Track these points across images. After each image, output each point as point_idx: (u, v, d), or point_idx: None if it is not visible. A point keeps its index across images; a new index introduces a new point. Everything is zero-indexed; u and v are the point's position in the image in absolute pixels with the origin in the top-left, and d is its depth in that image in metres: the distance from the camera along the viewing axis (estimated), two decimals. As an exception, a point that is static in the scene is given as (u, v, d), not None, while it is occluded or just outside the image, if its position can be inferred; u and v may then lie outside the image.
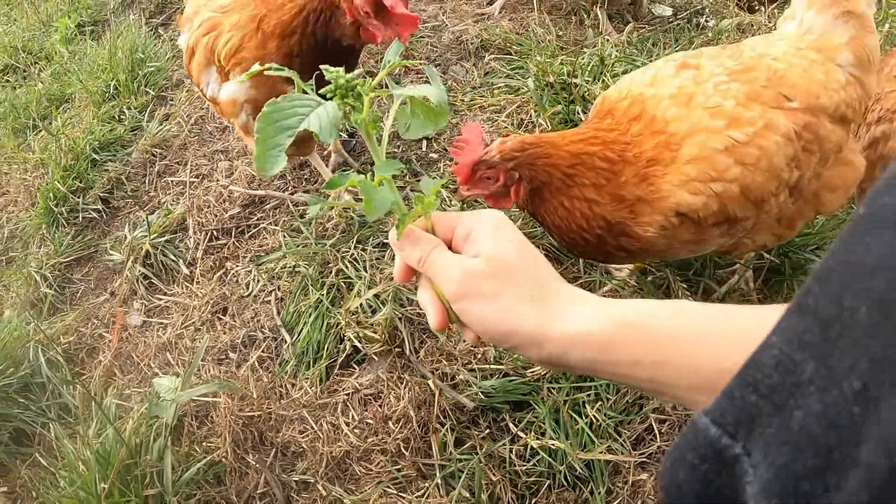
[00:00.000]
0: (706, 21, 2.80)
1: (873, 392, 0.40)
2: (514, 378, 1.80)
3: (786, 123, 1.40)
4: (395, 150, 2.48)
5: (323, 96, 0.90)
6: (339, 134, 0.94)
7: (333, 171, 2.25)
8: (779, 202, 1.46)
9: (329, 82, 0.89)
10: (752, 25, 2.85)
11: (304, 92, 0.89)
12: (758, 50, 1.52)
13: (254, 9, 1.92)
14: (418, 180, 2.25)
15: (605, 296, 1.18)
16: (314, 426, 1.84)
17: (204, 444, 1.90)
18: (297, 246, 2.20)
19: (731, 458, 0.48)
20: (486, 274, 0.89)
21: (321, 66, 0.88)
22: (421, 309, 1.95)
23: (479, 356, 1.84)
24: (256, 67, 0.91)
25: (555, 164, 1.49)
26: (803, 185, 1.48)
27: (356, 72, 0.91)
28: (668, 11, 2.83)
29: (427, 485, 1.70)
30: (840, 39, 1.51)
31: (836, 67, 1.49)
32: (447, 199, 2.21)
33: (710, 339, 0.78)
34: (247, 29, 1.90)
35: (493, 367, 1.83)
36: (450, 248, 0.95)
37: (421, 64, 2.30)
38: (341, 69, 0.88)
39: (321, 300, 1.99)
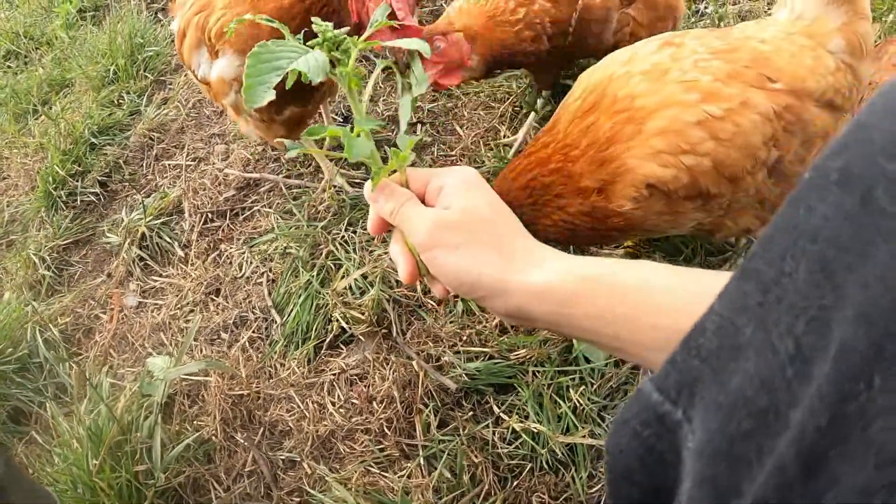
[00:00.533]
0: (705, 7, 2.79)
1: (807, 353, 0.40)
2: (498, 361, 1.82)
3: (765, 103, 1.39)
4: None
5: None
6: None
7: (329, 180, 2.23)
8: (756, 182, 1.45)
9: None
10: (752, 13, 2.83)
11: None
12: (746, 32, 1.51)
13: None
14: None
15: None
16: (301, 405, 1.86)
17: (194, 422, 1.93)
18: (290, 228, 2.22)
19: (673, 423, 0.48)
20: (455, 224, 0.90)
21: (311, 19, 0.92)
22: (409, 291, 1.97)
23: (465, 338, 1.86)
24: (248, 17, 0.95)
25: (517, 203, 1.50)
26: (785, 168, 1.47)
27: (343, 29, 0.93)
28: None
29: (409, 465, 1.71)
30: (832, 26, 1.49)
31: (827, 53, 1.47)
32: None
33: (672, 297, 0.78)
34: (240, 7, 1.87)
35: (478, 349, 1.84)
36: (423, 203, 0.97)
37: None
38: (330, 24, 0.91)
39: (311, 281, 2.01)
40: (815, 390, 0.38)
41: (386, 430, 1.75)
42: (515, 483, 1.67)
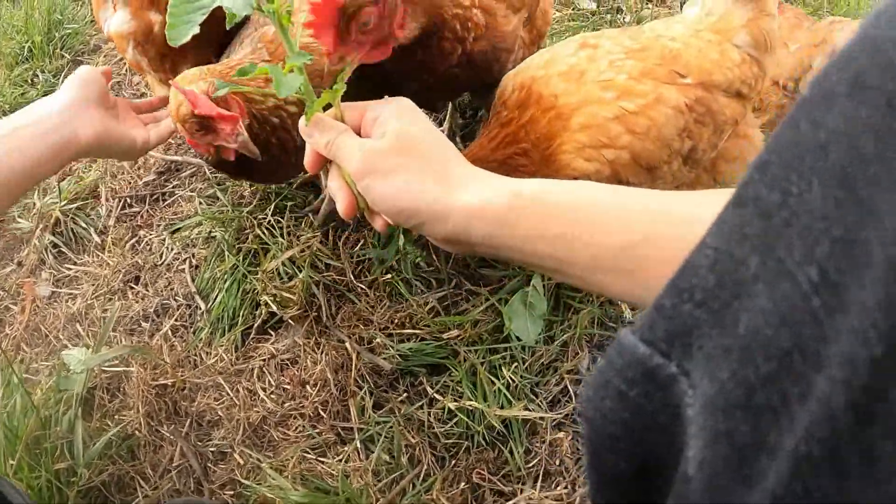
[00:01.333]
0: (623, 19, 2.84)
1: (835, 278, 0.34)
2: (430, 342, 1.81)
3: (677, 97, 1.46)
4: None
5: None
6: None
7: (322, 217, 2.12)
8: (672, 170, 1.51)
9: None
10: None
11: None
12: (657, 31, 1.57)
13: None
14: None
15: None
16: (230, 393, 1.81)
17: (116, 416, 1.85)
18: (214, 213, 2.15)
19: (665, 378, 0.42)
20: (389, 150, 0.89)
21: None
22: (339, 275, 1.94)
23: (396, 321, 1.84)
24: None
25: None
26: (699, 156, 1.54)
27: None
28: (593, 5, 2.87)
29: (346, 449, 1.69)
30: (737, 22, 1.56)
31: (732, 47, 1.54)
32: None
33: (611, 214, 0.76)
34: None
35: (409, 331, 1.83)
36: (360, 135, 0.95)
37: None
38: None
39: (237, 266, 1.95)
40: (859, 318, 0.32)
41: (321, 413, 1.73)
42: (454, 462, 1.68)
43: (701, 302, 0.41)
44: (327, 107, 0.98)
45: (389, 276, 1.89)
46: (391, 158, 0.88)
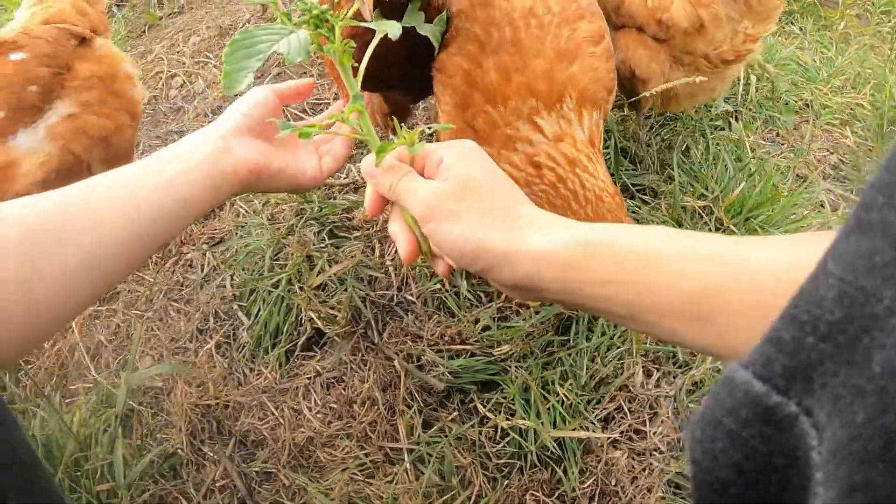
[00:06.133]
0: None
1: None
2: (480, 357, 1.75)
3: None
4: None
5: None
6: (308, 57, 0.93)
7: None
8: None
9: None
10: None
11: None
12: None
13: None
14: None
15: None
16: (275, 412, 1.76)
17: (157, 436, 1.81)
18: (254, 227, 2.12)
19: (785, 418, 0.39)
20: (454, 194, 0.87)
21: None
22: (385, 290, 1.89)
23: (447, 337, 1.79)
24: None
25: None
26: None
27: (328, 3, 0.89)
28: None
29: (395, 469, 1.64)
30: None
31: None
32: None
33: (687, 260, 0.73)
34: None
35: (459, 347, 1.78)
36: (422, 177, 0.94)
37: None
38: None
39: (280, 281, 1.91)
40: None
41: (369, 433, 1.67)
42: (506, 483, 1.62)
43: (826, 335, 0.37)
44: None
45: (438, 287, 1.84)
46: (457, 202, 0.87)
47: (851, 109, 2.55)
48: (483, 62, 1.40)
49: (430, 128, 1.01)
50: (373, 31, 0.97)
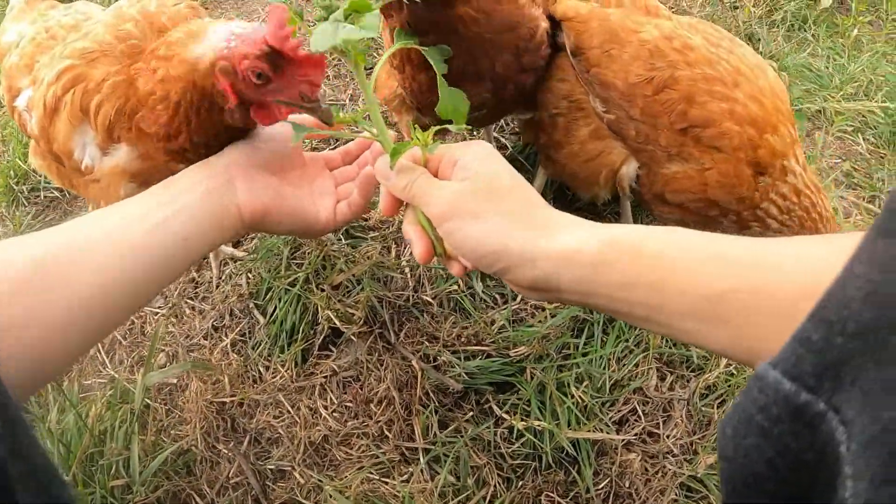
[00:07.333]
0: None
1: None
2: (496, 359, 1.76)
3: None
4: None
5: None
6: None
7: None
8: None
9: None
10: None
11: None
12: None
13: (121, 64, 1.34)
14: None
15: None
16: (291, 410, 1.77)
17: (172, 432, 1.82)
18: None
19: (814, 416, 0.40)
20: (475, 193, 0.87)
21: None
22: (401, 290, 1.90)
23: (463, 338, 1.79)
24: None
25: None
26: None
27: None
28: None
29: (411, 469, 1.64)
30: None
31: None
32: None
33: (707, 262, 0.73)
34: (120, 102, 1.33)
35: (475, 348, 1.78)
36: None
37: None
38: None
39: (296, 280, 1.91)
40: None
41: (385, 432, 1.68)
42: (521, 483, 1.62)
43: (855, 334, 0.38)
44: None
45: (455, 288, 1.84)
46: (477, 202, 0.86)
47: (864, 117, 2.56)
48: (734, 95, 1.46)
49: (443, 128, 1.01)
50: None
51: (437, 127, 0.97)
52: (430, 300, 1.87)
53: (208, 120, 1.17)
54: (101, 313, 0.94)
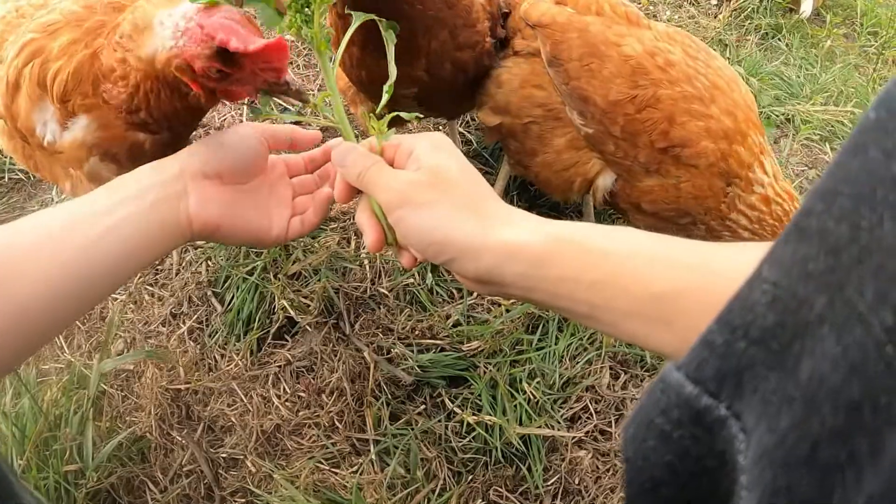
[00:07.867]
0: None
1: None
2: (450, 353, 1.77)
3: None
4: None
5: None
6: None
7: None
8: None
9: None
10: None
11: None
12: None
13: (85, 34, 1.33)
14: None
15: None
16: (244, 399, 1.77)
17: (127, 419, 1.82)
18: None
19: (714, 421, 0.39)
20: (425, 183, 0.87)
21: None
22: (359, 282, 1.91)
23: (417, 331, 1.80)
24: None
25: None
26: None
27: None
28: None
29: (361, 460, 1.65)
30: None
31: None
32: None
33: (653, 262, 0.72)
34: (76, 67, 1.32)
35: (429, 341, 1.79)
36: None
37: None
38: None
39: (255, 268, 1.91)
40: None
41: (337, 423, 1.68)
42: (471, 477, 1.63)
43: (757, 340, 0.37)
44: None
45: (411, 281, 1.85)
46: (426, 191, 0.86)
47: (832, 126, 2.58)
48: (710, 112, 1.47)
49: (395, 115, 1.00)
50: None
51: (392, 114, 0.98)
52: (387, 292, 1.87)
53: (170, 102, 1.17)
54: (43, 320, 0.92)
